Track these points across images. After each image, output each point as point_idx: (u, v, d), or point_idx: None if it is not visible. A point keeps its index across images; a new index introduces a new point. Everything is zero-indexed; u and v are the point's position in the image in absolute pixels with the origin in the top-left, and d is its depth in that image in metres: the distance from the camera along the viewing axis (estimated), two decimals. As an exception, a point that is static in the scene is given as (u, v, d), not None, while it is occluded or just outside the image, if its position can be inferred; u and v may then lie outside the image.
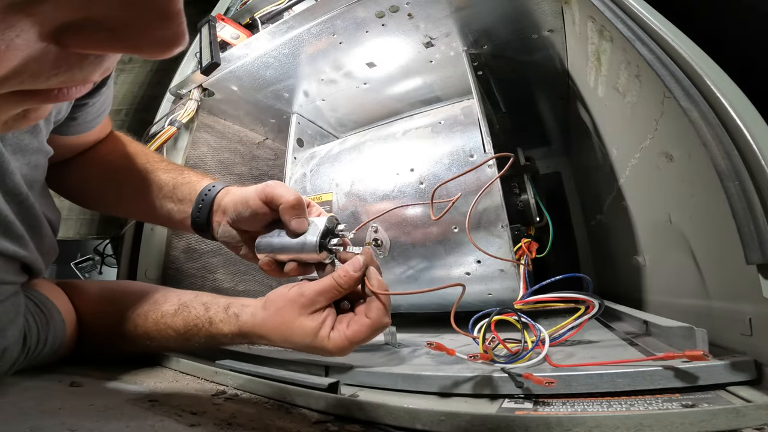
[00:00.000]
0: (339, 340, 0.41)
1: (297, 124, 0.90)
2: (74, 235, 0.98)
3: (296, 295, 0.42)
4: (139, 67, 1.10)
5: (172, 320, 0.46)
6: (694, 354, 0.29)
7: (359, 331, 0.41)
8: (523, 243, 0.60)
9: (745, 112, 0.30)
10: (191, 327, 0.45)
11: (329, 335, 0.41)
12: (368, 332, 0.41)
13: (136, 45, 0.15)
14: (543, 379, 0.31)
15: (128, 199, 0.56)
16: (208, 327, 0.45)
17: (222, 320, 0.45)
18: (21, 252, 0.39)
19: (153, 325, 0.46)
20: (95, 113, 0.51)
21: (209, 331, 0.45)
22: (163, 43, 0.15)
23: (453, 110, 0.69)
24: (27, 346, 0.39)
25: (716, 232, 0.34)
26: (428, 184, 0.62)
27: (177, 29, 0.15)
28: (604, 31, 0.48)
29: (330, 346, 0.41)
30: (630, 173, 0.56)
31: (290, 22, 0.68)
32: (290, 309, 0.42)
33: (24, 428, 0.27)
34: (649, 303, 0.58)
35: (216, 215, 0.51)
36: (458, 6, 0.62)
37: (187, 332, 0.45)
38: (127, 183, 0.55)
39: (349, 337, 0.41)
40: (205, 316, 0.45)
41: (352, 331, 0.41)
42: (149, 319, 0.46)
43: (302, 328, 0.41)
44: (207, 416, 0.31)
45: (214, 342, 0.45)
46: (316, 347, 0.41)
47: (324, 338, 0.41)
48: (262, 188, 0.46)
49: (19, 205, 0.39)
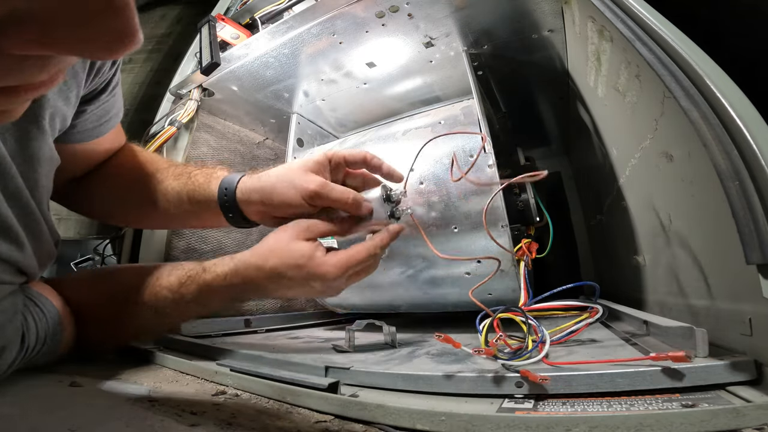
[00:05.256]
0: (335, 260, 0.42)
1: (297, 124, 0.90)
2: (74, 235, 0.98)
3: (293, 224, 0.45)
4: (139, 67, 1.10)
5: (167, 280, 0.46)
6: (677, 355, 0.30)
7: (357, 251, 0.43)
8: (523, 243, 0.60)
9: (745, 112, 0.30)
10: (185, 280, 0.45)
11: (325, 256, 0.42)
12: (365, 253, 0.43)
13: (74, 44, 0.13)
14: (538, 376, 0.31)
15: (147, 214, 0.56)
16: (201, 273, 0.45)
17: (215, 263, 0.45)
18: (17, 255, 0.38)
19: (150, 292, 0.46)
20: (95, 121, 0.49)
21: (203, 279, 0.45)
22: (108, 42, 0.13)
23: (453, 110, 0.69)
24: (26, 345, 0.38)
25: (716, 232, 0.34)
26: (428, 184, 0.62)
27: (123, 25, 0.13)
28: (604, 31, 0.48)
29: (324, 267, 0.42)
30: (630, 173, 0.56)
31: (290, 22, 0.68)
32: (286, 233, 0.44)
33: (24, 428, 0.27)
34: (649, 303, 0.58)
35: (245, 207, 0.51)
36: (458, 6, 0.62)
37: (180, 287, 0.45)
38: (142, 198, 0.54)
39: (345, 257, 0.42)
40: (198, 266, 0.46)
41: (348, 252, 0.42)
42: (147, 289, 0.46)
43: (298, 248, 0.42)
44: (207, 416, 0.31)
45: (207, 292, 0.45)
46: (311, 270, 0.42)
47: (320, 258, 0.42)
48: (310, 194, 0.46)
49: (20, 209, 0.39)
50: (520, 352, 0.37)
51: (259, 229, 0.98)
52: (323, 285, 0.43)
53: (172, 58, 1.08)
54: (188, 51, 0.88)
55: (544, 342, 0.37)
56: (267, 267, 0.43)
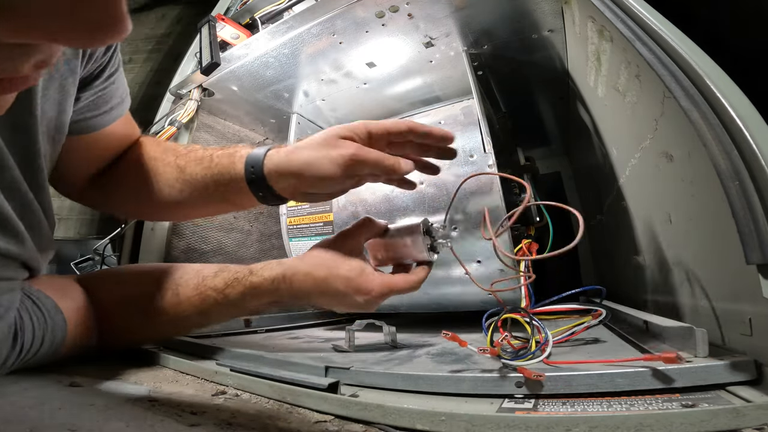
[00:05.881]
0: (381, 280, 0.44)
1: (297, 124, 0.91)
2: (74, 235, 0.98)
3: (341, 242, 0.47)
4: (139, 67, 1.10)
5: (212, 281, 0.46)
6: (668, 356, 0.30)
7: (405, 281, 0.45)
8: (524, 243, 0.60)
9: (745, 112, 0.30)
10: (231, 282, 0.46)
11: (374, 273, 0.45)
12: (407, 286, 0.46)
13: (56, 32, 0.13)
14: (532, 372, 0.31)
15: (172, 207, 0.53)
16: (248, 276, 0.46)
17: (263, 267, 0.46)
18: (17, 249, 0.38)
19: (194, 291, 0.46)
20: (95, 110, 0.47)
21: (250, 281, 0.46)
22: (90, 30, 0.13)
23: (453, 110, 0.69)
24: (19, 344, 0.38)
25: (716, 232, 0.34)
26: (428, 184, 0.62)
27: (104, 13, 0.13)
28: (604, 31, 0.48)
29: (372, 284, 0.44)
30: (630, 173, 0.56)
31: (290, 22, 0.68)
32: (335, 251, 0.46)
33: (24, 428, 0.27)
34: (649, 303, 0.58)
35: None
36: (458, 6, 0.62)
37: (226, 288, 0.46)
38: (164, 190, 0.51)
39: (390, 282, 0.45)
40: (245, 269, 0.47)
41: (394, 279, 0.45)
42: (190, 285, 0.46)
43: (349, 263, 0.45)
44: (207, 416, 0.31)
45: (253, 294, 0.46)
46: (360, 284, 0.44)
47: (370, 275, 0.45)
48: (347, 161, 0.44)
49: (18, 201, 0.38)
50: (524, 352, 0.37)
51: (260, 229, 0.98)
52: (366, 300, 0.45)
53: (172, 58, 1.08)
54: (188, 51, 0.88)
55: (547, 342, 0.37)
56: (316, 276, 0.45)
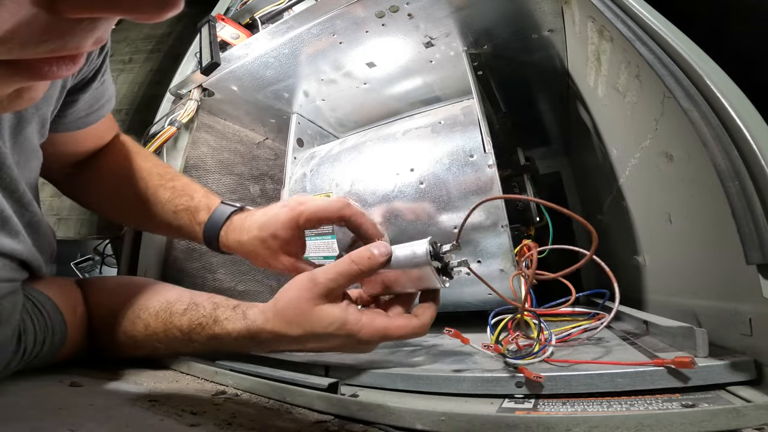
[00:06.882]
0: (373, 327, 0.37)
1: (297, 124, 0.90)
2: (74, 235, 0.98)
3: (309, 283, 0.38)
4: (139, 67, 1.10)
5: (179, 319, 0.44)
6: (683, 360, 0.29)
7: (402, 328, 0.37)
8: (524, 243, 0.60)
9: (745, 112, 0.30)
10: (195, 326, 0.43)
11: (361, 320, 0.37)
12: (408, 332, 0.38)
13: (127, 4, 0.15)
14: (533, 373, 0.31)
15: (135, 215, 0.57)
16: (212, 325, 0.42)
17: (228, 318, 0.42)
18: (19, 248, 0.38)
19: (161, 325, 0.44)
20: (87, 109, 0.50)
21: (213, 330, 0.42)
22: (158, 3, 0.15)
23: (453, 110, 0.69)
24: (22, 347, 0.38)
25: (716, 232, 0.34)
26: (428, 184, 0.62)
27: None
28: (604, 31, 0.48)
29: (363, 333, 0.37)
30: (630, 173, 0.56)
31: (290, 22, 0.68)
32: (305, 299, 0.38)
33: (24, 428, 0.27)
34: (649, 303, 0.58)
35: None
36: (458, 6, 0.62)
37: (191, 331, 0.43)
38: (133, 200, 0.55)
39: (384, 328, 0.37)
40: (211, 314, 0.43)
41: (391, 322, 0.37)
42: (159, 319, 0.44)
43: (325, 315, 0.37)
44: (207, 416, 0.31)
45: (216, 343, 0.43)
46: (347, 333, 0.37)
47: (356, 323, 0.37)
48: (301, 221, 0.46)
49: (17, 201, 0.39)
50: (527, 350, 0.38)
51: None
52: (359, 345, 0.39)
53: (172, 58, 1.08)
54: (188, 51, 0.88)
55: (549, 342, 0.38)
56: (290, 335, 0.39)
